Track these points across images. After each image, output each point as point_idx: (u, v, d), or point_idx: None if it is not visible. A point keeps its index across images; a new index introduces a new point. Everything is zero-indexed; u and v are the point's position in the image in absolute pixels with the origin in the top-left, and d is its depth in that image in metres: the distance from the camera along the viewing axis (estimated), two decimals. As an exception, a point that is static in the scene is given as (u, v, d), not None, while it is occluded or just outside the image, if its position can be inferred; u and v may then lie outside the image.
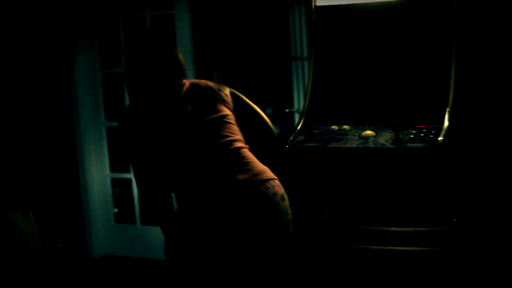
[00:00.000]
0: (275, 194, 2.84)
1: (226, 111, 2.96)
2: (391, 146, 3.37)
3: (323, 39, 3.78)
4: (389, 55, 3.63)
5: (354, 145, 3.44)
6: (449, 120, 3.34)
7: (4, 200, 4.21)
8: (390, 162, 3.38)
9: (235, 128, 2.96)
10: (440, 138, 3.28)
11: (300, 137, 3.59)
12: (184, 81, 3.01)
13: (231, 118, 2.97)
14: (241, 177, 2.81)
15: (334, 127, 3.63)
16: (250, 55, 4.76)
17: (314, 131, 3.62)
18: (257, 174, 2.84)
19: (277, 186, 2.88)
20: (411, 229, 3.37)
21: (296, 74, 4.75)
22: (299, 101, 4.79)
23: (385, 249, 3.41)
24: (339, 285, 3.53)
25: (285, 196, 2.91)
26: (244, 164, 2.85)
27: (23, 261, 4.11)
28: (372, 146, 3.41)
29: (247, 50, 4.76)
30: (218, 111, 2.93)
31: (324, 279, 3.56)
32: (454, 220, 3.32)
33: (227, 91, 3.06)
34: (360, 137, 3.49)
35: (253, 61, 4.78)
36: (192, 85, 2.99)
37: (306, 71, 4.72)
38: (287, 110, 4.89)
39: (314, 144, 3.53)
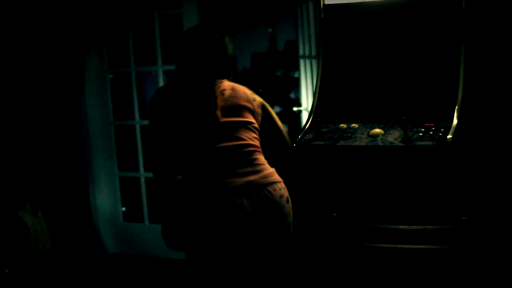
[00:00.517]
0: (281, 196, 3.05)
1: (251, 119, 3.12)
2: (400, 144, 3.37)
3: (331, 37, 3.78)
4: (398, 53, 3.62)
5: (363, 144, 3.44)
6: (458, 118, 3.33)
7: (13, 198, 4.22)
8: (399, 160, 3.38)
9: (254, 135, 3.12)
10: (449, 136, 3.27)
11: (309, 136, 3.59)
12: (225, 81, 3.13)
13: (254, 126, 3.14)
14: (251, 178, 2.97)
15: (343, 125, 3.62)
16: (258, 53, 4.77)
17: (322, 130, 3.62)
18: (266, 176, 3.04)
19: (283, 188, 3.10)
20: (420, 227, 3.37)
21: (305, 73, 4.75)
22: (307, 100, 4.79)
23: (394, 247, 3.41)
24: (348, 283, 3.53)
25: (289, 199, 3.11)
26: (254, 166, 3.02)
27: (31, 259, 4.12)
28: (381, 144, 3.41)
29: (255, 48, 4.76)
30: (243, 116, 3.09)
31: (333, 277, 3.56)
32: (463, 218, 3.31)
33: (258, 102, 3.22)
34: (369, 135, 3.49)
35: (261, 59, 4.78)
36: (230, 87, 3.15)
37: (314, 69, 4.72)
38: (295, 109, 4.89)
39: (322, 142, 3.53)
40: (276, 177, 3.05)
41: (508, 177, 3.65)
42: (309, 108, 4.58)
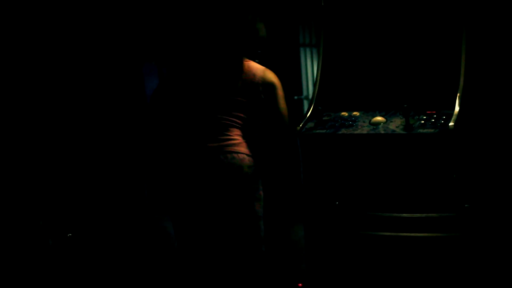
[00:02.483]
0: (232, 164, 3.21)
1: (246, 98, 3.27)
2: (402, 132, 3.36)
3: (332, 25, 3.76)
4: (399, 40, 3.60)
5: (364, 132, 3.43)
6: (460, 105, 3.32)
7: (13, 189, 4.22)
8: (400, 148, 3.37)
9: (242, 114, 3.28)
10: (451, 124, 3.26)
11: (310, 124, 3.58)
12: (248, 61, 3.33)
13: (247, 104, 3.27)
14: (211, 144, 3.23)
15: (344, 113, 3.61)
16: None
17: (324, 118, 3.61)
18: (226, 145, 3.24)
19: (239, 158, 3.23)
20: (423, 215, 3.36)
21: (305, 61, 4.74)
22: (307, 88, 4.78)
23: (397, 236, 3.40)
24: (351, 271, 3.53)
25: (245, 169, 3.24)
26: (223, 135, 3.24)
27: (32, 251, 4.12)
28: (382, 132, 3.40)
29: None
30: (240, 95, 3.27)
31: (336, 265, 3.55)
32: (466, 205, 3.30)
33: (265, 83, 3.30)
34: (370, 124, 3.48)
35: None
36: (247, 67, 3.31)
37: (314, 57, 4.71)
38: (296, 97, 4.88)
39: (324, 131, 3.52)
40: (237, 148, 3.25)
41: (511, 164, 3.64)
42: (310, 97, 4.57)
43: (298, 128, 3.57)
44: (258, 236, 3.32)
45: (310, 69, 4.69)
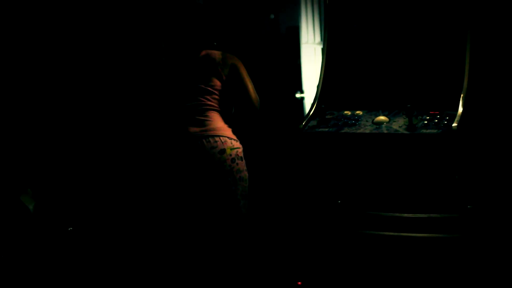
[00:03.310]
0: (213, 147, 3.44)
1: (215, 82, 3.52)
2: (405, 132, 3.35)
3: (336, 23, 3.75)
4: (404, 40, 3.60)
5: (367, 131, 3.43)
6: (464, 106, 3.32)
7: (14, 183, 4.21)
8: (403, 148, 3.37)
9: (214, 96, 3.53)
10: (454, 124, 3.26)
11: (313, 122, 3.58)
12: (208, 51, 3.57)
13: (216, 88, 3.53)
14: (192, 130, 3.48)
15: (347, 112, 3.61)
16: (259, 40, 4.75)
17: (326, 117, 3.60)
18: (207, 130, 3.47)
19: (220, 142, 3.45)
20: (425, 215, 3.36)
21: (307, 59, 4.73)
22: (309, 87, 4.77)
23: (399, 236, 3.40)
24: (352, 270, 3.52)
25: (228, 151, 3.45)
26: (202, 121, 3.48)
27: (32, 245, 4.12)
28: (385, 131, 3.39)
29: (256, 34, 4.74)
30: (209, 80, 3.52)
31: (337, 264, 3.55)
32: (469, 206, 3.30)
33: (228, 64, 3.54)
34: (373, 123, 3.47)
35: (262, 46, 4.77)
36: (206, 54, 3.56)
37: (317, 56, 4.70)
38: (297, 96, 4.86)
39: (327, 129, 3.51)
40: (218, 132, 3.47)
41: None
42: (312, 95, 4.56)
43: (301, 126, 3.56)
44: (241, 214, 3.47)
45: (313, 67, 4.68)
